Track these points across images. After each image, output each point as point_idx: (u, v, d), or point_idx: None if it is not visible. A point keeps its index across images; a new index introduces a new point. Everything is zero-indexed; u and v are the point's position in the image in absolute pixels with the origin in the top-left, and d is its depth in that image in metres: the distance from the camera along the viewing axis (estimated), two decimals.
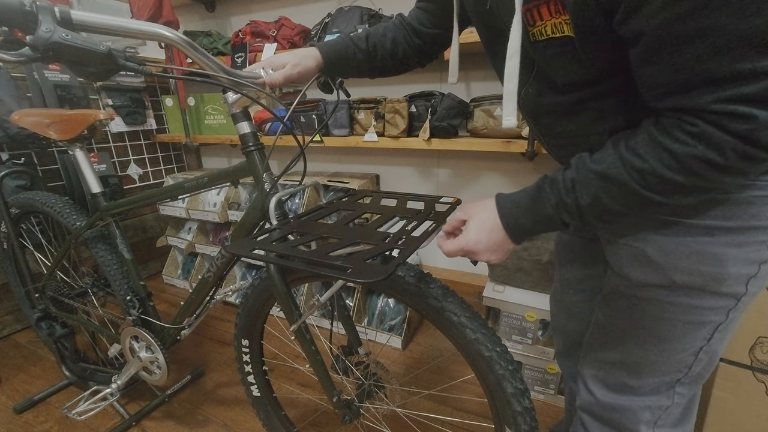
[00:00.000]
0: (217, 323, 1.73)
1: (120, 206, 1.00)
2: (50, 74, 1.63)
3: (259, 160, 0.74)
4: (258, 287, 0.85)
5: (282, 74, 0.68)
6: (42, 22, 0.46)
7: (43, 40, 0.46)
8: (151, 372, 1.06)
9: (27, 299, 1.36)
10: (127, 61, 0.53)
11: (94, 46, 0.50)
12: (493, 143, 1.34)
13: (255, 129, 0.75)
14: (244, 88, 0.66)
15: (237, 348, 0.96)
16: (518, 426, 0.64)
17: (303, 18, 1.73)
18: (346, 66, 0.76)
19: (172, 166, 2.27)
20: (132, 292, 1.04)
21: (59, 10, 0.48)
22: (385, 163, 1.86)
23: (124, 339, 1.06)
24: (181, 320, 0.98)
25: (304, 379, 1.35)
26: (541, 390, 1.23)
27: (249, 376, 0.98)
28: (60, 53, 0.47)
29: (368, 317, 1.63)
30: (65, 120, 0.99)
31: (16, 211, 1.22)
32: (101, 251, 1.05)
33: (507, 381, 0.62)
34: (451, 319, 0.63)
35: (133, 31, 0.54)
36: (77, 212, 1.10)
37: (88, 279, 1.23)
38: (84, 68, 0.51)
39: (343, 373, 0.88)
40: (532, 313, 1.17)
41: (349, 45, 0.74)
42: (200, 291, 0.94)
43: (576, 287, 0.77)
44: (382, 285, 0.67)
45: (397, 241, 0.56)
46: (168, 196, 0.92)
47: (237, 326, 0.93)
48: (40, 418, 1.22)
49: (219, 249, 0.87)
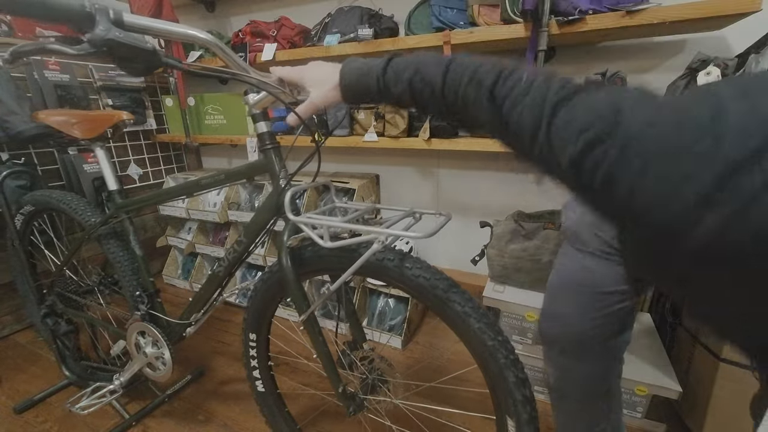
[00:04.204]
0: (218, 323, 1.73)
1: (135, 203, 1.03)
2: (50, 74, 1.62)
3: (276, 157, 0.78)
4: (268, 280, 0.87)
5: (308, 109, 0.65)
6: (99, 22, 0.52)
7: (100, 37, 0.52)
8: (155, 368, 1.07)
9: (34, 296, 1.37)
10: (168, 58, 0.61)
11: (143, 44, 0.56)
12: (493, 143, 1.33)
13: (271, 129, 0.79)
14: (270, 89, 0.70)
15: (244, 342, 0.97)
16: (519, 415, 0.65)
17: (303, 18, 1.73)
18: (367, 99, 0.60)
19: (172, 166, 2.27)
20: (141, 288, 1.07)
21: (113, 12, 0.54)
22: (385, 163, 1.86)
23: (130, 334, 1.08)
24: (189, 316, 0.99)
25: (307, 377, 1.35)
26: (541, 390, 1.23)
27: (255, 371, 0.99)
28: (113, 49, 0.54)
29: (368, 317, 1.63)
30: (90, 120, 1.05)
31: (31, 208, 1.25)
32: (113, 247, 1.08)
33: (509, 370, 0.64)
34: (455, 308, 0.65)
35: (173, 33, 0.61)
36: (92, 210, 1.13)
37: (95, 276, 1.24)
38: (131, 63, 0.58)
39: (348, 367, 0.89)
40: (532, 313, 1.17)
41: None
42: (209, 286, 0.95)
43: None
44: (390, 278, 0.70)
45: None
46: (184, 193, 0.95)
47: (245, 320, 0.94)
48: (40, 418, 1.22)
49: (231, 243, 0.89)
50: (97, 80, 1.82)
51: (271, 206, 0.80)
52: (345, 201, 0.84)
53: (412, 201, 1.88)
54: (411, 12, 1.44)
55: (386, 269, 0.69)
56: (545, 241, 1.19)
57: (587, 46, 1.38)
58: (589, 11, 1.11)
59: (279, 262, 0.76)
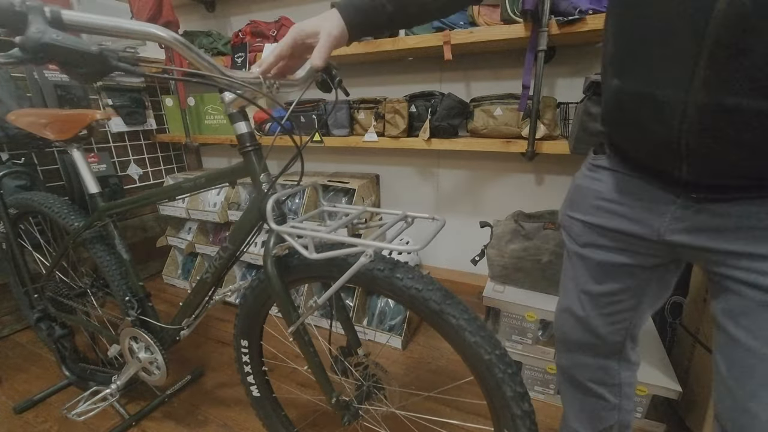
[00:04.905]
0: (217, 323, 1.73)
1: (118, 207, 1.00)
2: (50, 74, 1.63)
3: (257, 160, 0.73)
4: (257, 288, 0.85)
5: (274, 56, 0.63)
6: (32, 23, 0.45)
7: (33, 41, 0.44)
8: (150, 372, 1.06)
9: (26, 300, 1.36)
10: (120, 61, 0.51)
11: (85, 47, 0.48)
12: (493, 143, 1.34)
13: (252, 129, 0.74)
14: (239, 88, 0.64)
15: (236, 348, 0.96)
16: (517, 429, 0.64)
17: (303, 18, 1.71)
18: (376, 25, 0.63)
19: (172, 166, 2.27)
20: (131, 292, 1.04)
21: (50, 10, 0.46)
22: (385, 163, 1.86)
23: (123, 339, 1.06)
24: (180, 321, 0.98)
25: (303, 379, 1.35)
26: (541, 390, 1.23)
27: (249, 376, 0.98)
28: (51, 54, 0.46)
29: (368, 317, 1.63)
30: (62, 120, 0.98)
31: (15, 211, 1.22)
32: (99, 252, 1.05)
33: (506, 384, 0.62)
34: (450, 321, 0.62)
35: (125, 30, 0.52)
36: (75, 213, 1.09)
37: (87, 279, 1.22)
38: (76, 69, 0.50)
39: (342, 374, 0.88)
40: (532, 313, 1.17)
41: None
42: (199, 292, 0.93)
43: None
44: (381, 289, 0.68)
45: None
46: (166, 197, 0.91)
47: (236, 327, 0.93)
48: (40, 418, 1.22)
49: (217, 250, 0.87)
50: None
51: (254, 211, 0.77)
52: (334, 205, 0.81)
53: (411, 201, 1.88)
54: None
55: (376, 280, 0.66)
56: (545, 241, 1.19)
57: (587, 46, 1.38)
58: (589, 11, 1.11)
59: (264, 271, 0.73)
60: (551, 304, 1.17)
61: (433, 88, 1.59)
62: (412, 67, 1.65)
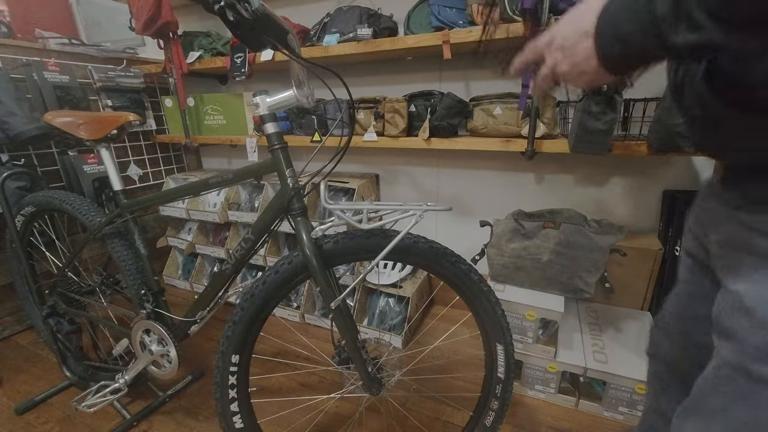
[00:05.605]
0: (218, 323, 1.74)
1: (140, 203, 1.04)
2: (49, 75, 1.63)
3: (283, 157, 0.81)
4: (269, 282, 0.83)
5: None
6: None
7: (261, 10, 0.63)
8: (160, 366, 1.08)
9: (35, 297, 1.37)
10: None
11: (283, 23, 0.69)
12: (493, 142, 1.34)
13: (280, 129, 0.81)
14: None
15: (221, 370, 0.84)
16: (506, 338, 0.87)
17: (302, 18, 1.73)
18: None
19: (172, 167, 2.27)
20: (146, 286, 1.08)
21: None
22: (384, 162, 1.86)
23: (135, 333, 1.08)
24: (194, 314, 1.00)
25: (304, 379, 1.35)
26: (541, 389, 1.23)
27: (233, 403, 0.86)
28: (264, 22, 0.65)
29: (369, 317, 1.64)
30: (98, 120, 1.07)
31: (32, 209, 1.25)
32: (118, 247, 1.09)
33: (498, 306, 0.86)
34: (461, 268, 0.83)
35: None
36: (95, 210, 1.14)
37: (96, 277, 1.25)
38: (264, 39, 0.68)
39: (344, 362, 0.91)
40: (532, 312, 1.17)
41: None
42: (216, 284, 0.95)
43: None
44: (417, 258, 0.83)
45: None
46: (191, 192, 0.97)
47: (227, 338, 0.84)
48: (41, 419, 1.22)
49: (239, 241, 0.89)
50: (97, 81, 1.82)
51: (279, 205, 0.82)
52: (337, 202, 0.84)
53: (411, 200, 1.87)
54: (410, 11, 1.44)
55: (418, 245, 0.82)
56: (545, 240, 1.19)
57: None
58: None
59: (302, 253, 0.79)
60: (551, 303, 1.17)
61: (433, 87, 1.59)
62: (411, 66, 1.65)
